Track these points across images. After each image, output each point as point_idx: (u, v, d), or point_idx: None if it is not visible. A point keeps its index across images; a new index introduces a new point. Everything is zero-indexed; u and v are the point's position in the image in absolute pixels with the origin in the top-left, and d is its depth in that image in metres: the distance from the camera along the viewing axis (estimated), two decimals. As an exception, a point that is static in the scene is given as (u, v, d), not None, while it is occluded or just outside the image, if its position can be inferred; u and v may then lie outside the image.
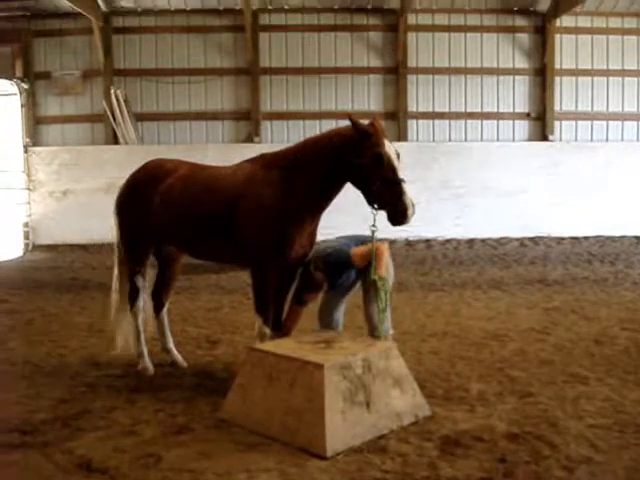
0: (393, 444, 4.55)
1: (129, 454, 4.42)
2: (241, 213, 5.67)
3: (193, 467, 4.20)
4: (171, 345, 6.80)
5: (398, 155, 5.36)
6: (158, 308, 6.82)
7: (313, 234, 5.90)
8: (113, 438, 4.71)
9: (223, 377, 6.21)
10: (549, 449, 4.43)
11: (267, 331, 5.75)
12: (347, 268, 5.95)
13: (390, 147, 5.31)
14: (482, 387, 5.87)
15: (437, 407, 5.28)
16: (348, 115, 5.41)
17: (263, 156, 5.96)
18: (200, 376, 6.28)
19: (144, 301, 6.67)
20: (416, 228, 17.43)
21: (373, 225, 5.41)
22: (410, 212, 5.17)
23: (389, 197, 5.20)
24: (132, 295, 6.60)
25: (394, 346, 5.24)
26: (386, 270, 5.90)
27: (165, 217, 6.17)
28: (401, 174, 5.23)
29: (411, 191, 5.25)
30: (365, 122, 5.41)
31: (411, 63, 18.70)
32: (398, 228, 5.43)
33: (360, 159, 5.26)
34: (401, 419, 4.89)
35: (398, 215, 5.19)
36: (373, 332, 5.99)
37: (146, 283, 6.68)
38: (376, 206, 5.31)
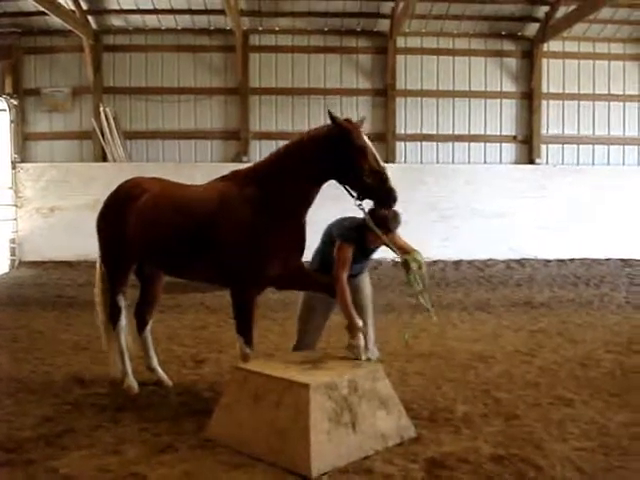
0: (378, 465, 4.54)
1: (113, 473, 4.40)
2: (217, 232, 5.64)
3: (177, 487, 4.18)
4: (155, 364, 6.77)
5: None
6: (141, 327, 6.81)
7: (300, 241, 5.83)
8: (97, 457, 4.68)
9: (208, 396, 6.19)
10: (534, 471, 4.44)
11: (248, 351, 5.72)
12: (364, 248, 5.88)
13: (366, 139, 5.40)
14: (467, 409, 5.88)
15: (422, 429, 5.28)
16: (328, 111, 5.48)
17: (236, 173, 5.95)
18: (185, 395, 6.26)
19: (126, 320, 6.65)
20: (403, 249, 17.48)
21: (360, 205, 5.43)
22: (395, 197, 5.27)
23: (377, 185, 5.26)
24: (114, 314, 6.59)
25: (380, 367, 5.25)
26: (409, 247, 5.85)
27: (140, 236, 6.18)
28: (382, 163, 5.35)
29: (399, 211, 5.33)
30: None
31: (400, 85, 18.83)
32: (384, 249, 5.50)
33: (344, 154, 5.31)
34: (386, 440, 4.89)
35: (388, 199, 5.28)
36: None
37: (127, 302, 6.67)
38: (361, 197, 5.37)
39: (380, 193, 5.27)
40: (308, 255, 6.01)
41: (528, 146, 19.02)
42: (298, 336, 6.14)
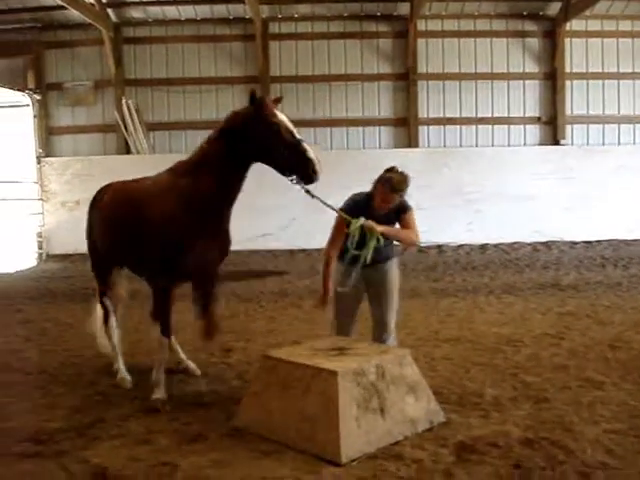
0: (408, 450, 4.53)
1: (144, 463, 4.43)
2: (143, 221, 5.67)
3: (208, 475, 4.21)
4: (182, 356, 6.86)
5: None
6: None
7: (225, 236, 5.84)
8: (128, 447, 4.72)
9: (237, 385, 6.22)
10: (565, 454, 4.40)
11: (165, 340, 5.82)
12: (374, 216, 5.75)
13: (281, 115, 5.32)
14: (497, 393, 5.85)
15: (452, 413, 5.27)
16: (251, 91, 5.40)
17: (178, 163, 5.91)
18: (214, 384, 6.28)
19: (116, 319, 6.77)
20: (428, 234, 17.41)
21: (293, 180, 5.32)
22: (318, 166, 5.17)
23: (295, 159, 5.20)
24: (104, 315, 6.74)
25: (408, 352, 5.23)
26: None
27: (101, 235, 6.36)
28: (298, 135, 5.28)
29: (422, 197, 5.26)
30: None
31: (421, 69, 18.72)
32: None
33: (258, 132, 5.26)
34: (415, 425, 4.88)
35: (308, 171, 5.18)
36: (382, 335, 5.96)
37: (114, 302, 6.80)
38: (288, 173, 5.30)
39: (300, 166, 5.20)
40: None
41: (552, 127, 18.83)
42: (333, 329, 6.17)
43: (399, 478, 4.13)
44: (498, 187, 18.15)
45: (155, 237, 5.55)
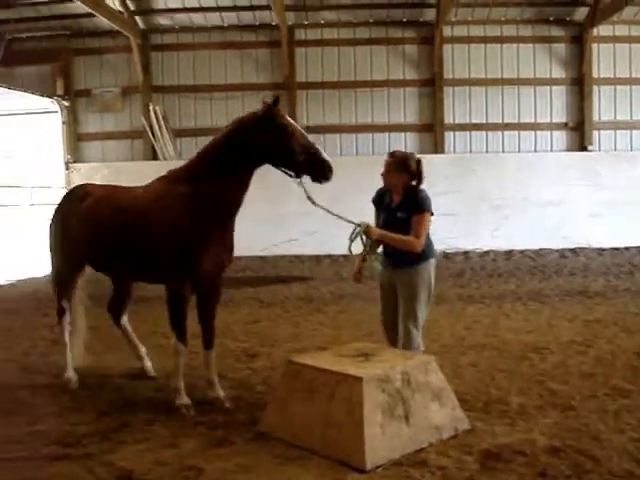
0: (433, 457, 4.52)
1: (170, 467, 4.46)
2: (150, 229, 5.72)
3: (233, 480, 4.23)
4: (143, 352, 6.94)
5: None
6: (117, 320, 7.04)
7: (230, 241, 5.90)
8: (154, 451, 4.76)
9: (262, 390, 6.24)
10: (591, 463, 4.37)
11: (182, 348, 5.83)
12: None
13: (289, 119, 5.57)
14: (522, 400, 5.82)
15: (477, 421, 5.25)
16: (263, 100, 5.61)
17: (170, 172, 6.01)
18: (239, 389, 6.31)
19: (70, 317, 6.85)
20: (454, 240, 17.41)
21: (300, 182, 5.57)
22: (329, 167, 5.42)
23: (308, 159, 5.41)
24: (59, 313, 6.82)
25: (433, 359, 5.22)
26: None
27: (83, 240, 6.31)
28: (307, 137, 5.51)
29: (448, 203, 5.31)
30: None
31: (447, 75, 18.68)
32: (434, 240, 5.53)
33: (271, 135, 5.43)
34: (440, 433, 4.86)
35: (324, 170, 5.42)
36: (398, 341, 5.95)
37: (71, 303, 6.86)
38: (298, 175, 5.52)
39: (314, 167, 5.41)
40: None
41: (579, 133, 18.68)
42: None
43: (423, 485, 4.12)
44: (524, 193, 18.04)
45: (170, 243, 5.60)
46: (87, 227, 6.25)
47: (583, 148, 18.60)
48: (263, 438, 4.95)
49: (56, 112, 18.66)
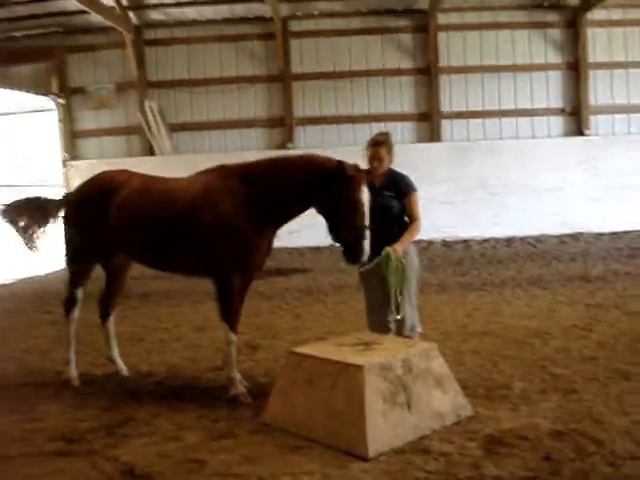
0: (436, 444, 4.52)
1: (173, 460, 4.46)
2: (201, 223, 5.76)
3: (237, 471, 4.23)
4: (116, 355, 6.83)
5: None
6: (104, 317, 6.89)
7: (271, 244, 6.09)
8: (157, 444, 4.76)
9: (264, 382, 6.24)
10: (594, 446, 4.38)
11: (234, 338, 5.85)
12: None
13: (366, 194, 5.43)
14: (525, 385, 5.83)
15: (479, 407, 5.25)
16: (339, 162, 5.50)
17: (222, 167, 6.06)
18: (241, 381, 6.30)
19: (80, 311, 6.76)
20: (453, 229, 17.41)
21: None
22: (364, 256, 5.41)
23: (351, 239, 5.42)
24: (69, 305, 6.69)
25: (434, 346, 5.21)
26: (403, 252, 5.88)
27: (122, 231, 6.21)
28: (367, 220, 5.41)
29: (447, 192, 5.32)
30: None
31: (443, 63, 18.64)
32: (434, 229, 5.51)
33: (336, 198, 5.42)
34: (443, 419, 4.87)
35: (353, 257, 5.47)
36: (402, 329, 5.97)
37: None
38: (334, 239, 5.62)
39: (351, 249, 5.44)
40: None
41: (577, 118, 18.64)
42: (367, 318, 6.25)
43: (427, 472, 4.12)
44: (523, 180, 18.02)
45: (228, 236, 5.69)
46: (128, 217, 6.15)
47: (581, 133, 18.56)
48: (266, 429, 4.96)
49: (52, 110, 18.62)
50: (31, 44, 18.83)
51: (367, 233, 5.36)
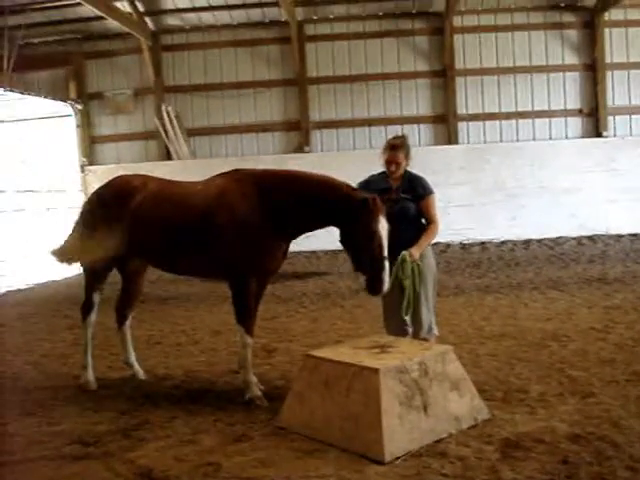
0: (452, 448, 4.50)
1: (189, 463, 4.47)
2: (216, 226, 5.77)
3: (252, 475, 4.22)
4: (133, 360, 6.83)
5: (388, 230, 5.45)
6: (121, 321, 6.89)
7: (287, 249, 6.09)
8: (173, 447, 4.77)
9: (280, 385, 6.24)
10: (612, 449, 4.34)
11: (249, 341, 5.86)
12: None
13: (383, 224, 5.34)
14: (542, 388, 5.78)
15: (496, 410, 5.22)
16: (351, 188, 5.56)
17: (237, 171, 6.09)
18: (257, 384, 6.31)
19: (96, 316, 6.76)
20: (471, 231, 17.36)
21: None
22: (384, 287, 5.31)
23: (370, 270, 5.33)
24: (86, 309, 6.71)
25: (450, 349, 5.19)
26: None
27: (139, 234, 6.20)
28: (386, 252, 5.31)
29: (464, 194, 5.30)
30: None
31: (459, 65, 18.60)
32: (451, 231, 5.48)
33: (353, 228, 5.39)
34: (460, 423, 4.84)
35: (373, 289, 5.35)
36: (419, 332, 5.95)
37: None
38: (354, 268, 5.49)
39: (371, 280, 5.33)
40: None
41: (594, 119, 18.53)
42: (384, 321, 6.24)
43: (443, 476, 4.10)
44: (540, 181, 17.95)
45: (243, 239, 5.70)
46: (144, 221, 6.16)
47: (598, 134, 18.44)
48: (282, 432, 4.96)
49: (70, 115, 18.76)
50: (49, 50, 19.00)
51: (386, 264, 5.28)
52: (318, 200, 5.60)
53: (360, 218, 5.31)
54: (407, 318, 5.90)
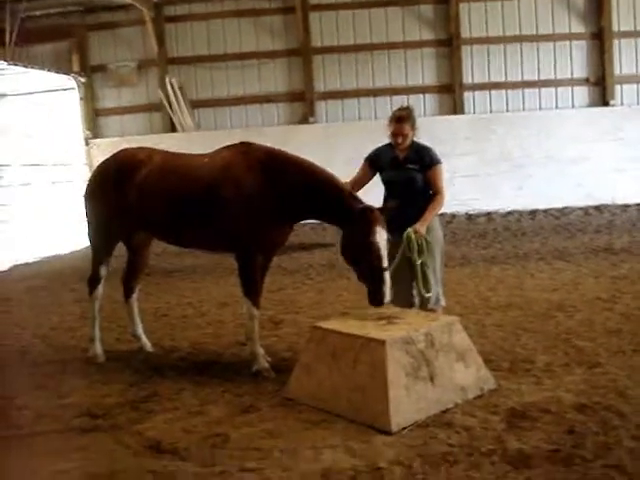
0: (459, 418, 4.53)
1: (197, 434, 4.51)
2: (222, 198, 5.76)
3: (260, 445, 4.26)
4: (140, 331, 6.85)
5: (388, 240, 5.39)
6: (128, 294, 6.90)
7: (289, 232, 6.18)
8: (181, 419, 4.81)
9: (287, 356, 6.27)
10: (618, 419, 4.35)
11: (256, 313, 5.88)
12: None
13: (381, 235, 5.30)
14: (548, 359, 5.80)
15: (503, 380, 5.24)
16: (353, 196, 5.55)
17: (243, 144, 6.06)
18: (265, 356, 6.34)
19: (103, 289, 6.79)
20: (476, 201, 17.30)
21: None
22: (385, 299, 5.26)
23: (370, 280, 5.32)
24: (93, 282, 6.74)
25: (457, 320, 5.21)
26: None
27: (145, 208, 6.21)
28: (385, 263, 5.27)
29: (470, 164, 5.26)
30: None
31: (464, 34, 18.38)
32: (457, 202, 5.46)
33: (351, 236, 5.41)
34: (466, 393, 4.87)
35: (375, 300, 5.30)
36: (426, 303, 5.95)
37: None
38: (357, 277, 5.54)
39: (372, 292, 5.30)
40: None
41: (601, 88, 18.33)
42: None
43: (450, 445, 4.12)
44: (547, 151, 17.80)
45: (248, 211, 5.71)
46: (150, 194, 6.15)
47: (605, 103, 18.27)
48: (289, 404, 5.00)
49: (73, 89, 18.67)
50: (51, 23, 18.84)
51: (386, 276, 5.25)
52: (318, 196, 5.62)
53: (358, 228, 5.30)
54: (414, 292, 5.90)
